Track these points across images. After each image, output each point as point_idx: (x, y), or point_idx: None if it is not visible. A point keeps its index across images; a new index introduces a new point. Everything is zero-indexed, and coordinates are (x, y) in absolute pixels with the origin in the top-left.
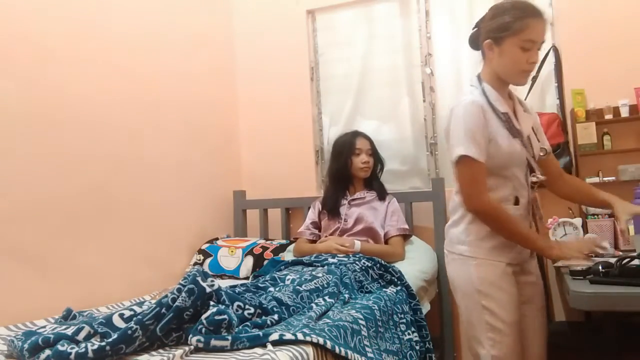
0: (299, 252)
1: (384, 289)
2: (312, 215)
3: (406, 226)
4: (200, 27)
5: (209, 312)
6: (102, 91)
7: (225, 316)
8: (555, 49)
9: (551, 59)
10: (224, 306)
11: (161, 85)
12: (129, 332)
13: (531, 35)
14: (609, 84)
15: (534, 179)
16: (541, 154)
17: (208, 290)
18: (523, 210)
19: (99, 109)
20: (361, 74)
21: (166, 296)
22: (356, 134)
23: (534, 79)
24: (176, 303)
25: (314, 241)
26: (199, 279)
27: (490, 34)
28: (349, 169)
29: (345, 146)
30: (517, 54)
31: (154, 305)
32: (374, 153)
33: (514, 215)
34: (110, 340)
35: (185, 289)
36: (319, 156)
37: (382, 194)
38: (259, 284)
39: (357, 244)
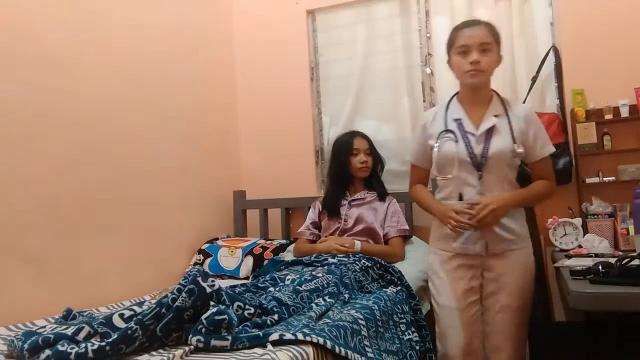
0: (299, 252)
1: (384, 289)
2: (312, 215)
3: (406, 227)
4: (200, 28)
5: (209, 312)
6: (102, 93)
7: (225, 316)
8: (555, 49)
9: (551, 59)
10: (224, 306)
11: (161, 86)
12: (129, 332)
13: (461, 42)
14: (608, 84)
15: (439, 178)
16: (511, 154)
17: (208, 290)
18: (470, 205)
19: (99, 110)
20: (361, 74)
21: (166, 296)
22: (354, 134)
23: (534, 79)
24: (176, 303)
25: (314, 241)
26: (199, 279)
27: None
28: (348, 169)
29: (344, 147)
30: (458, 60)
31: (154, 306)
32: (373, 152)
33: (458, 208)
34: (110, 340)
35: (186, 289)
36: (319, 156)
37: (382, 195)
38: (259, 284)
39: (358, 244)
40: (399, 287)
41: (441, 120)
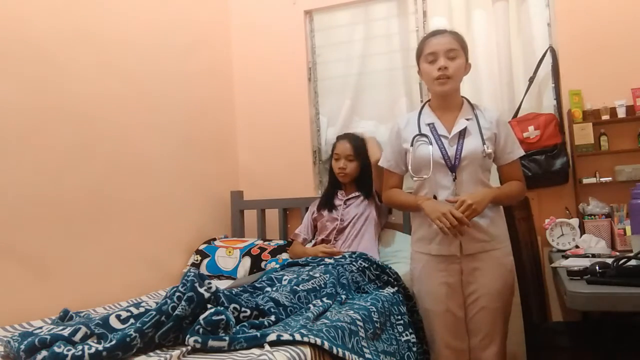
0: (293, 253)
1: (381, 290)
2: (308, 216)
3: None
4: (198, 28)
5: (206, 313)
6: (100, 92)
7: (223, 317)
8: (552, 49)
9: (548, 59)
10: (222, 307)
11: (159, 86)
12: (128, 339)
13: (428, 50)
14: (605, 85)
15: (415, 178)
16: (482, 155)
17: (207, 296)
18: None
19: (97, 110)
20: (359, 75)
21: (166, 302)
22: (338, 139)
23: (531, 79)
24: (176, 312)
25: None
26: (196, 284)
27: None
28: (333, 172)
29: (330, 150)
30: (427, 68)
31: (154, 313)
32: (358, 157)
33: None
34: (108, 346)
35: (185, 297)
36: (316, 157)
37: (367, 195)
38: (256, 284)
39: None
40: (395, 289)
41: (414, 125)
